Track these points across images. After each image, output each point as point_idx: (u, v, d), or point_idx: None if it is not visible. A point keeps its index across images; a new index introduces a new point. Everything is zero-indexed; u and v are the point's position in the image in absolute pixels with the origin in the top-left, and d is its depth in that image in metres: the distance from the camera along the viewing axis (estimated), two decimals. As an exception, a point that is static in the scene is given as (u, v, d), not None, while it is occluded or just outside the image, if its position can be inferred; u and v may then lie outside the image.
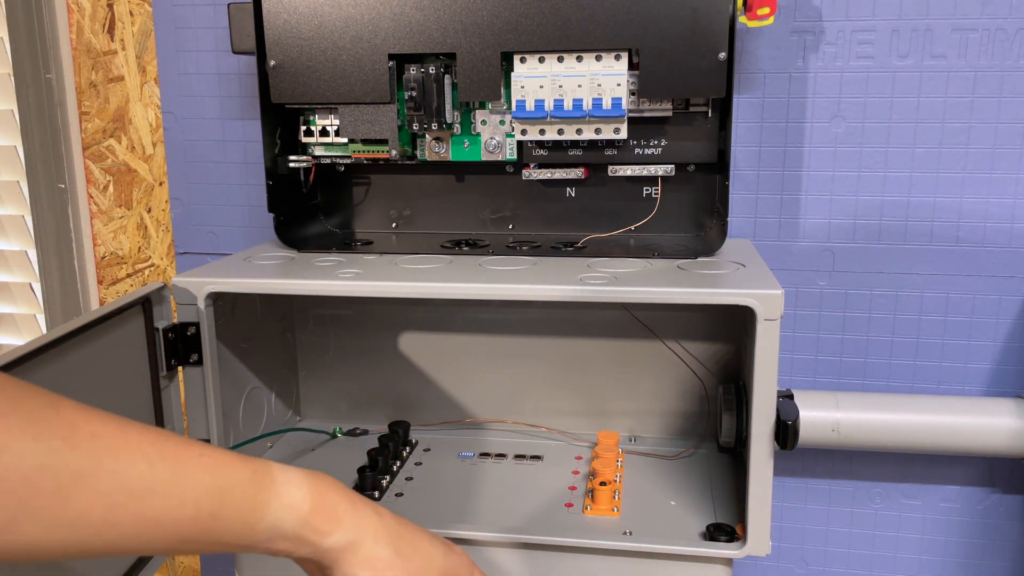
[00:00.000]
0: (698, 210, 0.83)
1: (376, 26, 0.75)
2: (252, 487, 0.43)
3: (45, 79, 0.99)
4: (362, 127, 0.78)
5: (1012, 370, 0.86)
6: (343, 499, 0.46)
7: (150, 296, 0.68)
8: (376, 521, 0.47)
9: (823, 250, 0.87)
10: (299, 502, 0.44)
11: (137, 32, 0.96)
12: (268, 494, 0.43)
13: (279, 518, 0.43)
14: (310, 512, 0.44)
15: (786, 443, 0.64)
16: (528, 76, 0.74)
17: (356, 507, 0.47)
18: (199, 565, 1.09)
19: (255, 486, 0.43)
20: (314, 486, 0.45)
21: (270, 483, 0.44)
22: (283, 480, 0.44)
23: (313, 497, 0.45)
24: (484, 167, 0.85)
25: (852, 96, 0.84)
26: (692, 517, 0.72)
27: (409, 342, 0.92)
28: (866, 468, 0.92)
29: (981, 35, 0.81)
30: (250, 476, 0.43)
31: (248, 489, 0.42)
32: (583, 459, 0.84)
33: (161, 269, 1.02)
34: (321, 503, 0.45)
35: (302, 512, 0.44)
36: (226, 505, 0.42)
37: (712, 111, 0.78)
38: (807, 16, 0.83)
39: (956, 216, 0.84)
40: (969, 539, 0.91)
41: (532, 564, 0.70)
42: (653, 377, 0.88)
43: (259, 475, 0.43)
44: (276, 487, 0.44)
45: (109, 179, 1.01)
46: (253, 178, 0.96)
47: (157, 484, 0.39)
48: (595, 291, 0.66)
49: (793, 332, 0.89)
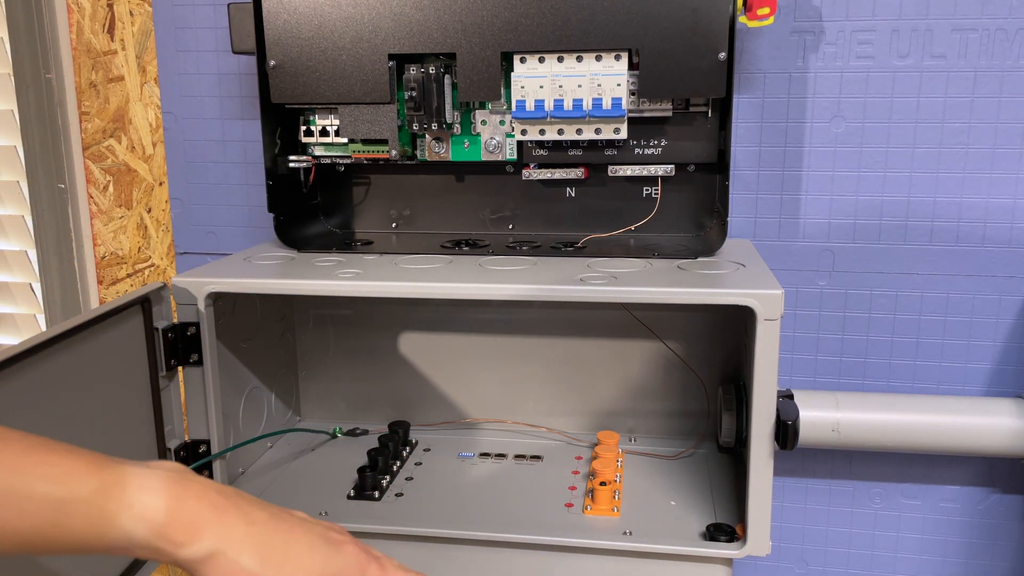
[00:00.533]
0: (698, 210, 0.83)
1: (376, 26, 0.75)
2: (99, 497, 0.41)
3: (45, 79, 0.99)
4: (362, 127, 0.78)
5: (1012, 370, 0.86)
6: (206, 506, 0.44)
7: (149, 296, 0.68)
8: (242, 530, 0.45)
9: (823, 250, 0.87)
10: (153, 512, 0.42)
11: (137, 32, 0.96)
12: (117, 504, 0.42)
13: (130, 529, 0.42)
14: (164, 522, 0.43)
15: (786, 443, 0.64)
16: (528, 76, 0.74)
17: (221, 515, 0.44)
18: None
19: (102, 496, 0.41)
20: (174, 494, 0.43)
21: (120, 492, 0.42)
22: (138, 487, 0.43)
23: (170, 505, 0.43)
24: (484, 167, 0.85)
25: (852, 96, 0.84)
26: (692, 517, 0.72)
27: (409, 342, 0.92)
28: (866, 468, 0.92)
29: (981, 35, 0.81)
30: (96, 486, 0.41)
31: (94, 500, 0.41)
32: (583, 459, 0.84)
33: (161, 269, 1.02)
34: (178, 512, 0.43)
35: (155, 522, 0.42)
36: (69, 516, 0.40)
37: (712, 111, 0.78)
38: (807, 16, 0.83)
39: (956, 216, 0.84)
40: (969, 539, 0.91)
41: (532, 564, 0.70)
42: (653, 377, 0.88)
43: (108, 484, 0.42)
44: (128, 496, 0.42)
45: (109, 179, 1.01)
46: (253, 178, 0.96)
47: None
48: (595, 291, 0.66)
49: (793, 332, 0.89)
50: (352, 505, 0.76)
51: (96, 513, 0.41)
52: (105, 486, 0.42)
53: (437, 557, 0.72)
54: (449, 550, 0.72)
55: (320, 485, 0.80)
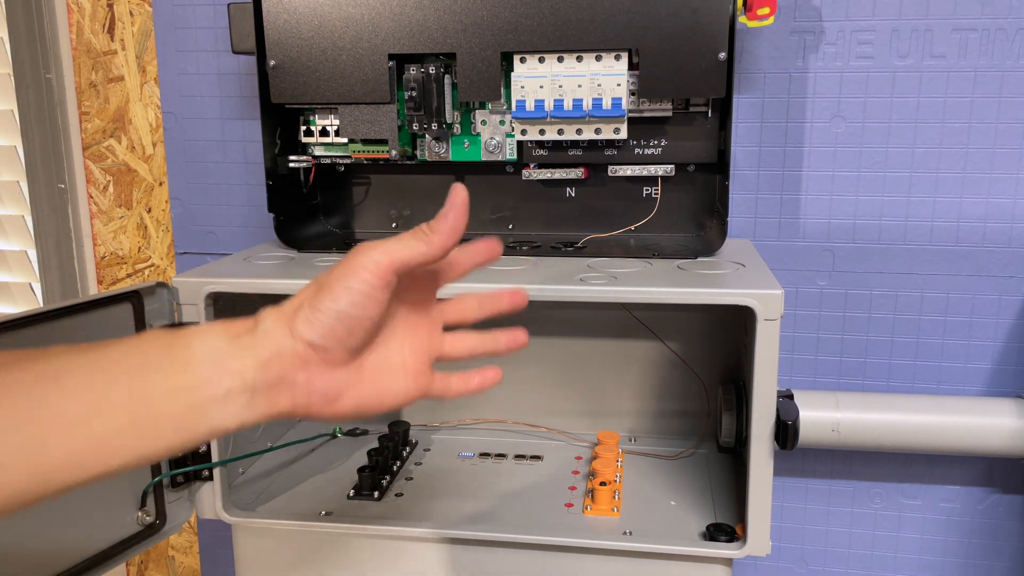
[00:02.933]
0: (698, 210, 0.83)
1: (376, 26, 0.75)
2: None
3: (45, 79, 0.99)
4: (362, 127, 0.78)
5: (1012, 370, 0.86)
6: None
7: (140, 291, 0.68)
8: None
9: (823, 250, 0.87)
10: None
11: (137, 32, 0.96)
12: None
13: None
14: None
15: (786, 443, 0.64)
16: (528, 76, 0.74)
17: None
18: (199, 565, 1.09)
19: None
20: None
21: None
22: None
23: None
24: (484, 167, 0.85)
25: (852, 96, 0.84)
26: (692, 517, 0.72)
27: (409, 342, 0.91)
28: (866, 468, 0.92)
29: (981, 35, 0.81)
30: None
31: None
32: (583, 459, 0.84)
33: (161, 269, 1.02)
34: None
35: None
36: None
37: (712, 111, 0.78)
38: (807, 16, 0.83)
39: (956, 216, 0.84)
40: (969, 539, 0.91)
41: (532, 564, 0.70)
42: (653, 377, 0.88)
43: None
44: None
45: (109, 179, 1.01)
46: (253, 178, 0.96)
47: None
48: (595, 291, 0.66)
49: (793, 332, 0.89)
50: (352, 505, 0.76)
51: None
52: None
53: (437, 557, 0.72)
54: (449, 550, 0.72)
55: (320, 485, 0.80)
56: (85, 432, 0.38)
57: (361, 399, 0.45)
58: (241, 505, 0.75)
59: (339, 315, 0.43)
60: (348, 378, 0.45)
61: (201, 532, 1.07)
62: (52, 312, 0.60)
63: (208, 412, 0.41)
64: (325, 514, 0.74)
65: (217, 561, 1.07)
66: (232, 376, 0.41)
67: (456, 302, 0.51)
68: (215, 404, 0.41)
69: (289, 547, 0.74)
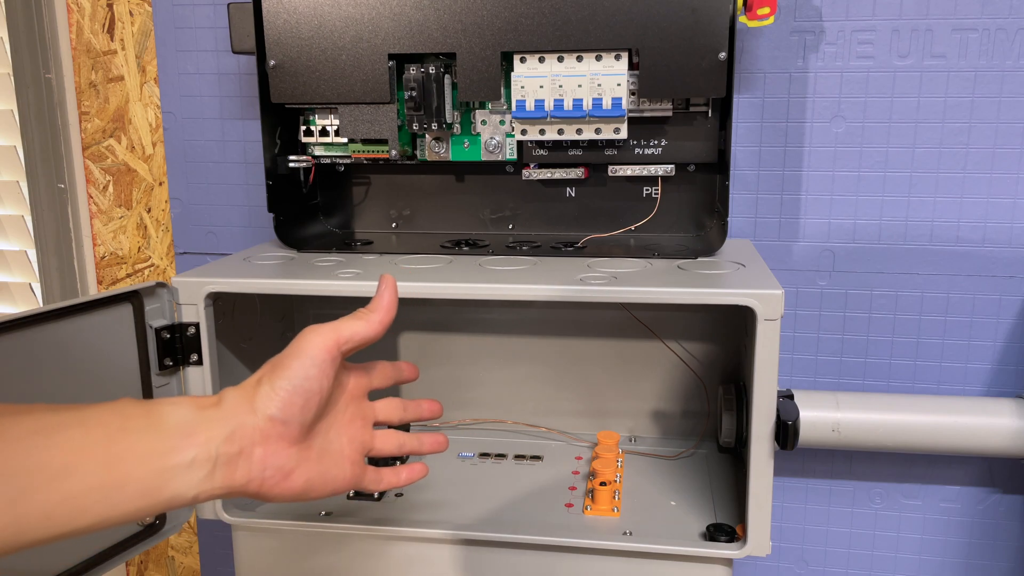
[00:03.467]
0: (698, 210, 0.83)
1: (376, 26, 0.75)
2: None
3: (45, 79, 0.99)
4: (362, 127, 0.78)
5: (1012, 370, 0.86)
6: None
7: (140, 292, 0.68)
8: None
9: (823, 250, 0.87)
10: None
11: (137, 32, 0.96)
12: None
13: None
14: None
15: (786, 443, 0.64)
16: (528, 76, 0.74)
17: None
18: (199, 565, 1.09)
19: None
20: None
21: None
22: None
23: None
24: (484, 167, 0.85)
25: (852, 96, 0.84)
26: (692, 517, 0.72)
27: (409, 342, 0.92)
28: (866, 468, 0.92)
29: (981, 35, 0.81)
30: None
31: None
32: (583, 459, 0.84)
33: (161, 269, 1.02)
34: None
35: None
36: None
37: (712, 111, 0.78)
38: (807, 16, 0.83)
39: (956, 216, 0.84)
40: (969, 539, 0.91)
41: (532, 564, 0.70)
42: (653, 377, 0.88)
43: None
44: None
45: (109, 179, 1.01)
46: (253, 178, 0.96)
47: None
48: (595, 291, 0.66)
49: (793, 332, 0.89)
50: (352, 505, 0.76)
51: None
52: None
53: (437, 557, 0.72)
54: (449, 550, 0.72)
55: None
56: (62, 488, 0.40)
57: (310, 478, 0.50)
58: (241, 505, 0.75)
59: (295, 388, 0.48)
60: (299, 456, 0.49)
61: (201, 532, 1.07)
62: (52, 312, 0.60)
63: (172, 479, 0.43)
64: (325, 514, 0.74)
65: (217, 561, 1.07)
66: (199, 446, 0.44)
67: (384, 404, 0.58)
68: (180, 471, 0.43)
69: (289, 547, 0.74)
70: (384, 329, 0.53)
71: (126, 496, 0.42)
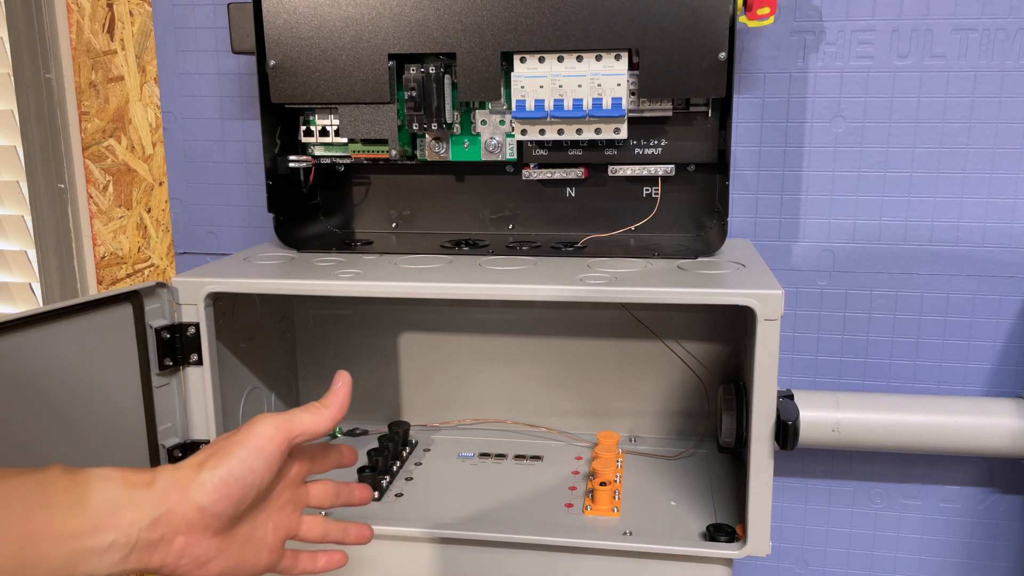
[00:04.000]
0: (698, 210, 0.83)
1: (376, 26, 0.75)
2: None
3: (45, 79, 0.99)
4: (362, 127, 0.78)
5: (1012, 370, 0.86)
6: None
7: (140, 292, 0.68)
8: None
9: (823, 250, 0.87)
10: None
11: (137, 32, 0.96)
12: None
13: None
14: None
15: (786, 443, 0.64)
16: (528, 76, 0.74)
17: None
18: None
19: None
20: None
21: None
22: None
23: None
24: (484, 167, 0.85)
25: (852, 96, 0.84)
26: (692, 517, 0.72)
27: (409, 342, 0.92)
28: (866, 468, 0.92)
29: (981, 35, 0.81)
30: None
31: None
32: (583, 459, 0.84)
33: (161, 269, 1.02)
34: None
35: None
36: None
37: (712, 111, 0.78)
38: (807, 16, 0.83)
39: (956, 216, 0.84)
40: (969, 539, 0.91)
41: (532, 564, 0.70)
42: (653, 377, 0.88)
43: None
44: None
45: (109, 179, 1.01)
46: (253, 178, 0.96)
47: None
48: (595, 291, 0.66)
49: (793, 332, 0.89)
50: (352, 505, 0.76)
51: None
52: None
53: (437, 557, 0.72)
54: (449, 550, 0.72)
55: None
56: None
57: (225, 568, 0.47)
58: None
59: (236, 480, 0.46)
60: (220, 547, 0.47)
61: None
62: (52, 312, 0.61)
63: (86, 561, 0.41)
64: (324, 514, 0.73)
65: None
66: (120, 529, 0.42)
67: (320, 487, 0.55)
68: (95, 554, 0.42)
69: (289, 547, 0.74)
70: (334, 426, 0.51)
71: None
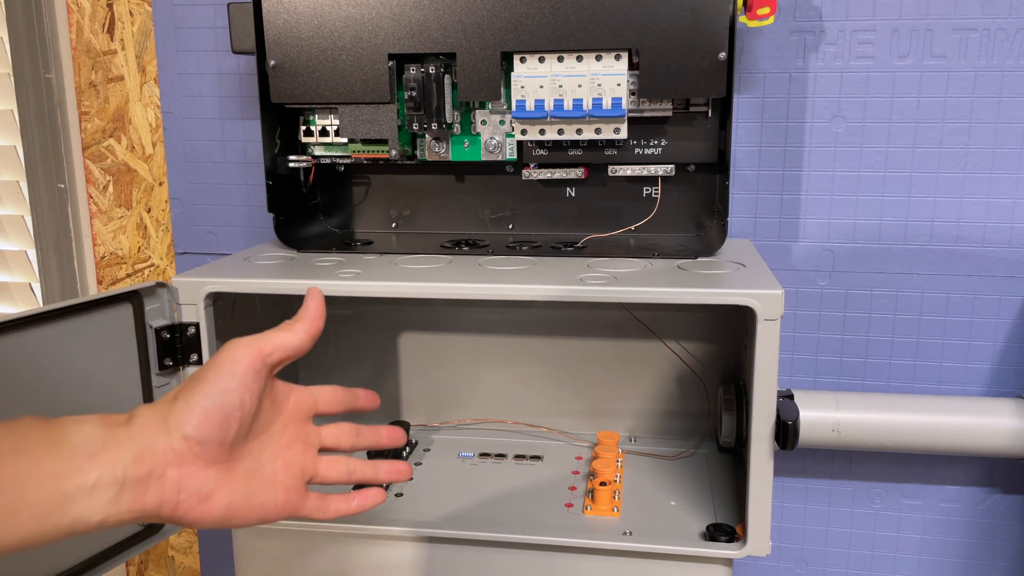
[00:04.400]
0: (698, 210, 0.83)
1: (376, 26, 0.75)
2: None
3: (45, 79, 0.99)
4: (362, 127, 0.78)
5: (1012, 370, 0.86)
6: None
7: (140, 292, 0.68)
8: None
9: (823, 250, 0.87)
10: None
11: (137, 32, 0.96)
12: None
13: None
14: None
15: (786, 443, 0.64)
16: (528, 76, 0.74)
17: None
18: (199, 565, 1.09)
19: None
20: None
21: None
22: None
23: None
24: (484, 167, 0.85)
25: (852, 96, 0.84)
26: (692, 517, 0.72)
27: (409, 342, 0.92)
28: (866, 468, 0.92)
29: (981, 35, 0.81)
30: None
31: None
32: (583, 459, 0.84)
33: (161, 269, 1.02)
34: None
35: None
36: None
37: (712, 111, 0.78)
38: (807, 16, 0.83)
39: (956, 216, 0.84)
40: (969, 539, 0.91)
41: (532, 564, 0.70)
42: (653, 377, 0.88)
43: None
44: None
45: (109, 179, 1.01)
46: (253, 178, 0.96)
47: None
48: (595, 291, 0.66)
49: (793, 332, 0.89)
50: (352, 505, 0.76)
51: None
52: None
53: (437, 557, 0.72)
54: (449, 550, 0.72)
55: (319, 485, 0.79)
56: None
57: (232, 502, 0.46)
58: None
59: (213, 404, 0.44)
60: (220, 478, 0.45)
61: (201, 532, 1.07)
62: (52, 312, 0.61)
63: (72, 503, 0.40)
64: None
65: (217, 561, 1.07)
66: (103, 467, 0.41)
67: (333, 428, 0.53)
68: (81, 495, 0.40)
69: (289, 547, 0.74)
70: (311, 339, 0.49)
71: (18, 523, 0.39)
